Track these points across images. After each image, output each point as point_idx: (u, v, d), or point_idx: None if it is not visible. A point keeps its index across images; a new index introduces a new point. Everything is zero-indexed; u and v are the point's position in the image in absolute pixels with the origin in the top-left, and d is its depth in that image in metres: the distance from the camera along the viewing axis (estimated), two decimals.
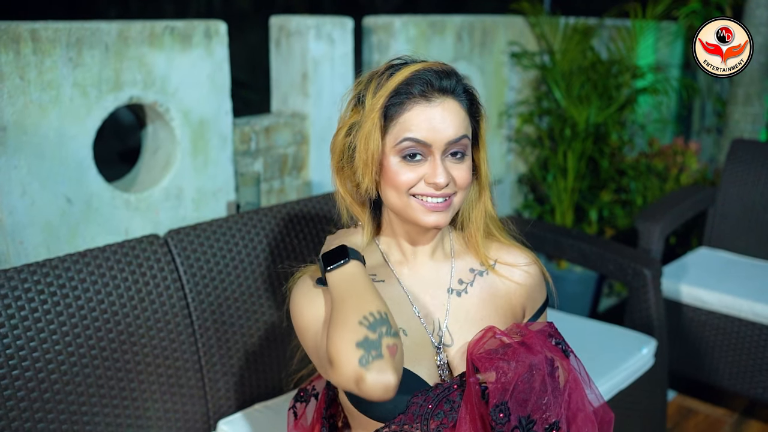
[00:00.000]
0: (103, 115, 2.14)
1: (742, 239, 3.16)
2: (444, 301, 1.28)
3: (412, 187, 1.19)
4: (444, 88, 1.18)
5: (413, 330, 1.25)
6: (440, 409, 1.19)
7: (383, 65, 1.24)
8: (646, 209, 3.04)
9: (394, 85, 1.17)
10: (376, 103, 1.17)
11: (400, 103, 1.17)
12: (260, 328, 2.03)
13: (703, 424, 2.85)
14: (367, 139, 1.19)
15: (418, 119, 1.16)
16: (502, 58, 3.52)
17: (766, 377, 2.69)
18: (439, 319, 1.27)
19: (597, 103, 3.42)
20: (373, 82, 1.20)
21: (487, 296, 1.30)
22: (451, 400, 1.19)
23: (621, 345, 2.35)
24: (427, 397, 1.19)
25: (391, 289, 1.28)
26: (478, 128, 1.25)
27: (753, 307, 2.67)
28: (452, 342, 1.26)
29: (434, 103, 1.17)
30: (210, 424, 1.95)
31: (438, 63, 1.21)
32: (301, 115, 2.70)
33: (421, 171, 1.18)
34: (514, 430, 1.15)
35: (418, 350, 1.24)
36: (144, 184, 2.33)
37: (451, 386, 1.20)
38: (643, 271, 2.47)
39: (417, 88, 1.16)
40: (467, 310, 1.28)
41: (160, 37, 2.21)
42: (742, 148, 3.23)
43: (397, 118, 1.17)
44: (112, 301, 1.76)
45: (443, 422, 1.18)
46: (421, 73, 1.17)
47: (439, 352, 1.25)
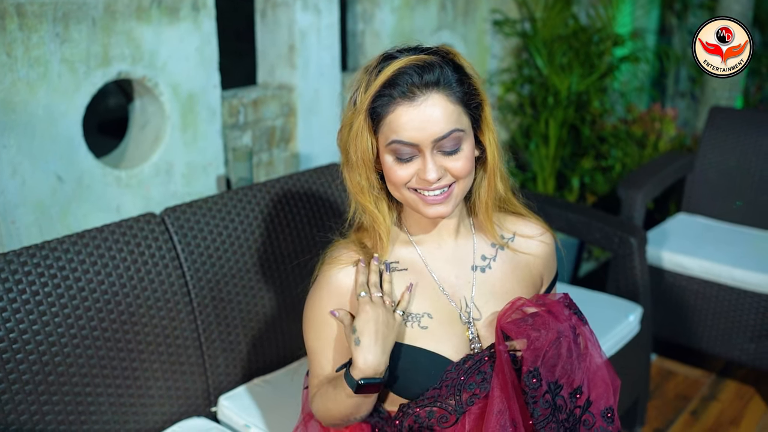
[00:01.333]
0: (92, 91, 2.10)
1: (719, 205, 3.23)
2: (469, 279, 1.31)
3: (408, 182, 1.19)
4: (428, 83, 1.15)
5: (440, 311, 1.28)
6: (472, 380, 1.23)
7: (376, 57, 1.22)
8: (627, 177, 3.09)
9: (377, 86, 1.16)
10: (362, 105, 1.18)
11: (384, 105, 1.16)
12: (257, 304, 2.05)
13: (682, 385, 2.94)
14: (356, 139, 1.20)
15: (402, 120, 1.15)
16: (485, 27, 3.52)
17: (742, 339, 2.78)
18: (465, 296, 1.30)
19: (579, 71, 3.44)
20: (363, 79, 1.20)
21: (510, 269, 1.33)
22: (483, 372, 1.24)
23: (608, 312, 2.40)
24: (460, 370, 1.23)
25: (415, 276, 1.30)
26: (480, 112, 1.22)
27: (731, 272, 2.74)
28: (480, 316, 1.29)
29: (417, 101, 1.15)
30: (211, 400, 1.97)
31: (423, 56, 1.17)
32: (289, 87, 2.68)
33: (414, 168, 1.18)
34: (544, 395, 1.20)
35: (446, 330, 1.27)
36: (134, 160, 2.30)
37: (482, 358, 1.24)
38: (629, 240, 2.52)
39: (398, 89, 1.15)
40: (492, 285, 1.32)
41: (147, 11, 2.17)
42: (719, 115, 3.28)
43: (384, 119, 1.17)
44: (111, 282, 1.76)
45: (475, 393, 1.23)
46: (403, 71, 1.15)
47: (470, 327, 1.28)
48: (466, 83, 1.19)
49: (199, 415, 1.94)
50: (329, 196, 2.22)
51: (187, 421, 1.90)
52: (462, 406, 1.24)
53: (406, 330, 1.27)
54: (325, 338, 1.30)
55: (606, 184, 3.72)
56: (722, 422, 2.72)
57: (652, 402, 2.81)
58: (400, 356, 1.26)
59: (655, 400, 2.83)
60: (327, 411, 1.30)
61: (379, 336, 1.20)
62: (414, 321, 1.28)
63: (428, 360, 1.25)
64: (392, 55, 1.20)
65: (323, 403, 1.30)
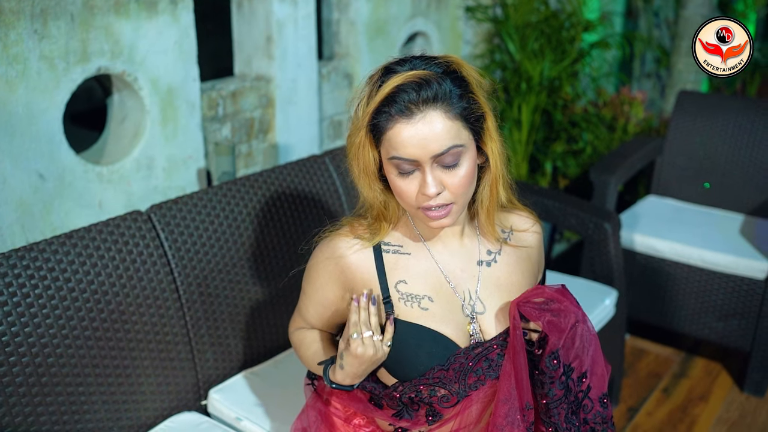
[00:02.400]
0: (72, 87, 2.09)
1: (687, 187, 3.32)
2: (475, 273, 1.35)
3: (413, 200, 1.22)
4: (426, 100, 1.15)
5: (441, 296, 1.32)
6: (479, 366, 1.28)
7: (379, 69, 1.23)
8: (599, 162, 3.15)
9: (377, 102, 1.18)
10: (363, 120, 1.20)
11: (384, 121, 1.18)
12: (244, 297, 2.07)
13: (653, 363, 3.04)
14: (359, 152, 1.23)
15: (401, 138, 1.17)
16: (458, 13, 3.54)
17: (710, 318, 2.88)
18: (469, 289, 1.34)
19: (551, 57, 3.49)
20: (366, 91, 1.22)
21: (514, 262, 1.38)
22: (490, 359, 1.29)
23: (585, 297, 2.47)
24: (468, 356, 1.29)
25: (418, 262, 1.34)
26: (482, 124, 1.22)
27: (701, 254, 2.83)
28: (484, 309, 1.34)
29: (415, 118, 1.16)
30: (201, 394, 1.99)
31: (422, 72, 1.17)
32: (267, 78, 2.68)
33: (416, 181, 1.20)
34: (561, 376, 1.26)
35: (446, 315, 1.31)
36: (114, 155, 2.30)
37: (491, 346, 1.29)
38: (604, 225, 2.59)
39: (396, 107, 1.16)
40: (497, 278, 1.36)
41: (125, 5, 2.16)
42: (687, 100, 3.36)
43: (384, 134, 1.19)
44: (101, 281, 1.77)
45: (480, 378, 1.28)
46: (401, 88, 1.16)
47: (472, 321, 1.32)
48: (466, 97, 1.19)
49: (190, 409, 1.97)
50: (312, 189, 2.24)
51: (178, 415, 1.92)
52: (465, 389, 1.29)
53: (405, 310, 1.31)
54: (314, 291, 1.42)
55: (577, 168, 3.78)
56: (692, 398, 2.82)
57: (625, 380, 2.90)
58: (400, 334, 1.30)
59: (628, 378, 2.92)
60: (302, 358, 1.52)
61: (360, 369, 1.31)
62: (414, 302, 1.31)
63: (429, 338, 1.29)
64: (392, 68, 1.20)
65: (302, 351, 1.51)
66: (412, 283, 1.32)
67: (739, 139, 3.19)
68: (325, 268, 1.36)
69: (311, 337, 1.50)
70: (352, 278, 1.34)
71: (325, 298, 1.40)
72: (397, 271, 1.32)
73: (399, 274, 1.32)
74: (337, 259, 1.34)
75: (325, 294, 1.40)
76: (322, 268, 1.37)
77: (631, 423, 2.67)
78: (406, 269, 1.33)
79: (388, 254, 1.33)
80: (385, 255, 1.33)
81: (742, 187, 3.18)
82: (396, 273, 1.32)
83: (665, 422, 2.68)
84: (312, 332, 1.50)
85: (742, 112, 3.20)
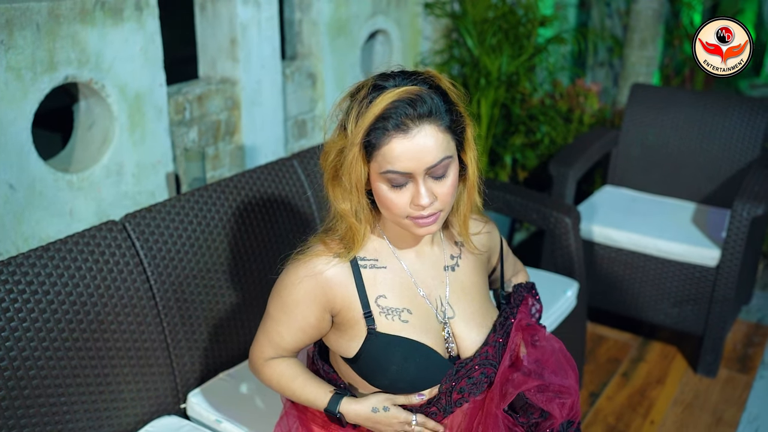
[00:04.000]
0: (40, 97, 2.09)
1: (642, 177, 3.44)
2: (443, 279, 1.42)
3: (403, 211, 1.27)
4: (421, 115, 1.20)
5: (418, 308, 1.38)
6: (462, 385, 1.36)
7: (365, 86, 1.25)
8: (558, 155, 3.25)
9: (371, 119, 1.21)
10: (356, 137, 1.23)
11: (378, 137, 1.22)
12: (219, 302, 2.11)
13: (613, 349, 3.16)
14: (350, 168, 1.26)
15: (397, 152, 1.21)
16: (417, 9, 3.59)
17: (665, 305, 3.00)
18: (440, 296, 1.41)
19: (508, 52, 3.57)
20: (354, 108, 1.24)
21: (473, 264, 1.46)
22: (473, 378, 1.36)
23: (547, 289, 2.56)
24: (452, 379, 1.36)
25: (393, 274, 1.39)
26: (464, 134, 1.29)
27: (656, 243, 2.95)
28: (454, 314, 1.41)
29: (411, 133, 1.21)
30: (180, 398, 2.03)
31: (413, 88, 1.22)
32: (232, 81, 2.70)
33: (408, 194, 1.25)
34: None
35: (424, 325, 1.38)
36: (83, 162, 2.30)
37: (472, 366, 1.37)
38: (564, 219, 2.68)
39: (392, 122, 1.20)
40: (462, 281, 1.43)
41: (91, 13, 2.16)
42: (641, 92, 3.47)
43: (378, 150, 1.22)
44: (79, 291, 1.79)
45: (464, 396, 1.36)
46: (396, 105, 1.20)
47: (445, 327, 1.39)
48: (453, 111, 1.25)
49: (170, 413, 2.00)
50: (281, 192, 2.28)
51: (158, 420, 1.96)
52: (451, 405, 1.36)
53: (386, 324, 1.36)
54: (293, 319, 1.38)
55: (536, 159, 3.88)
56: (650, 381, 2.94)
57: (587, 366, 3.01)
58: (385, 348, 1.35)
59: (589, 364, 3.04)
60: (285, 390, 1.46)
61: (371, 426, 1.38)
62: (395, 315, 1.36)
63: (412, 349, 1.35)
64: (381, 85, 1.24)
65: (284, 383, 1.45)
66: (391, 297, 1.37)
67: (690, 130, 3.32)
68: (304, 288, 1.35)
69: (291, 370, 1.46)
70: (333, 296, 1.35)
71: (307, 322, 1.38)
72: (376, 287, 1.36)
73: (378, 289, 1.36)
74: (317, 277, 1.34)
75: (306, 318, 1.38)
76: (301, 290, 1.35)
77: (593, 408, 2.78)
78: (384, 283, 1.37)
79: (366, 269, 1.36)
80: (363, 270, 1.36)
81: (694, 177, 3.32)
82: (375, 288, 1.36)
83: (625, 405, 2.80)
84: (288, 363, 1.47)
85: (692, 105, 3.33)
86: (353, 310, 1.35)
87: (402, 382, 1.35)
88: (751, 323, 3.32)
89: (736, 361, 3.05)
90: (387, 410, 1.35)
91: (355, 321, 1.36)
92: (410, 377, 1.35)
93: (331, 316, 1.38)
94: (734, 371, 2.98)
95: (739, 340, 3.19)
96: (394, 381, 1.35)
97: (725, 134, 3.25)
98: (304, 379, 1.44)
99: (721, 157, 3.26)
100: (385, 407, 1.35)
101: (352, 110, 1.25)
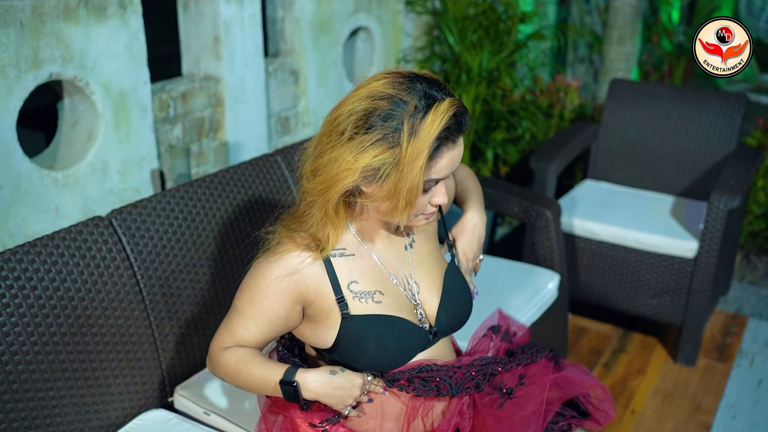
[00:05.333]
0: (24, 95, 2.10)
1: (621, 171, 3.50)
2: (405, 258, 1.48)
3: (419, 210, 1.34)
4: (463, 130, 1.29)
5: (389, 288, 1.44)
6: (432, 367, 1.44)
7: (414, 98, 1.25)
8: (539, 150, 3.29)
9: (434, 135, 1.24)
10: (421, 152, 1.24)
11: (435, 151, 1.27)
12: (205, 296, 2.13)
13: (594, 340, 3.21)
14: (406, 180, 1.26)
15: (445, 162, 1.29)
16: (398, 6, 3.63)
17: (645, 296, 3.06)
18: (406, 275, 1.47)
19: (489, 48, 3.61)
20: (406, 124, 1.24)
21: (424, 236, 1.53)
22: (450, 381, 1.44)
23: (530, 282, 2.61)
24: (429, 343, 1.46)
25: (363, 261, 1.43)
26: None
27: (636, 236, 3.00)
28: (419, 289, 1.47)
29: (457, 143, 1.29)
30: (167, 392, 2.05)
31: (460, 103, 1.28)
32: (215, 78, 2.72)
33: (428, 195, 1.33)
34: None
35: (396, 303, 1.44)
36: (68, 159, 2.31)
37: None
38: (546, 213, 2.73)
39: (448, 137, 1.26)
40: (419, 254, 1.50)
41: (75, 11, 2.17)
42: (620, 87, 3.53)
43: (429, 161, 1.27)
44: (66, 287, 1.80)
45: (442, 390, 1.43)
46: (450, 122, 1.25)
47: (417, 307, 1.46)
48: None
49: (158, 406, 2.02)
50: (265, 187, 2.31)
51: (146, 413, 1.98)
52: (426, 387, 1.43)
53: (360, 307, 1.40)
54: (262, 312, 1.40)
55: (517, 154, 3.93)
56: (631, 371, 3.00)
57: (569, 358, 3.06)
58: (361, 328, 1.39)
59: (571, 356, 3.09)
60: (240, 372, 1.43)
61: (326, 394, 1.38)
62: (368, 298, 1.41)
63: (388, 323, 1.40)
64: (433, 95, 1.26)
65: (241, 366, 1.42)
66: (363, 282, 1.42)
67: (668, 124, 3.38)
68: (278, 284, 1.37)
69: (249, 352, 1.45)
70: (306, 289, 1.38)
71: (276, 315, 1.40)
72: (348, 274, 1.41)
73: (350, 276, 1.41)
74: (293, 275, 1.37)
75: (275, 311, 1.40)
76: (274, 286, 1.37)
77: None
78: (354, 270, 1.42)
79: (336, 258, 1.40)
80: (333, 260, 1.40)
81: (672, 170, 3.37)
82: (347, 275, 1.41)
83: None
84: (247, 348, 1.46)
85: (670, 100, 3.39)
86: (326, 300, 1.39)
87: (383, 358, 1.40)
88: (729, 313, 3.38)
89: (714, 351, 3.11)
90: (344, 371, 1.38)
91: (329, 309, 1.39)
92: (389, 351, 1.40)
93: (303, 307, 1.41)
94: (713, 360, 3.04)
95: (718, 330, 3.25)
96: (375, 358, 1.40)
97: (702, 128, 3.31)
98: (262, 360, 1.43)
99: (698, 151, 3.32)
100: (342, 369, 1.38)
101: (405, 126, 1.24)
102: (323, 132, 1.33)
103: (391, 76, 1.29)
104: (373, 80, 1.30)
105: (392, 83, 1.27)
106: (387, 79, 1.28)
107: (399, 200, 1.27)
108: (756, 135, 3.46)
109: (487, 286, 2.56)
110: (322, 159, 1.31)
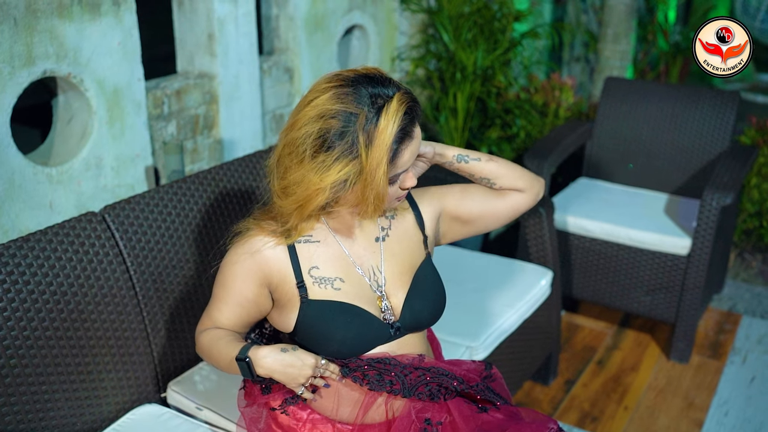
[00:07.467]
0: (18, 91, 2.11)
1: (616, 169, 3.51)
2: (376, 249, 1.50)
3: (391, 199, 1.39)
4: (417, 120, 1.33)
5: (350, 276, 1.47)
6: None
7: (364, 101, 1.28)
8: (533, 147, 3.30)
9: (389, 141, 1.28)
10: (381, 159, 1.28)
11: (395, 152, 1.31)
12: (198, 291, 2.14)
13: (588, 337, 3.22)
14: (372, 187, 1.31)
15: (406, 156, 1.34)
16: (393, 5, 3.64)
17: (638, 293, 3.07)
18: (373, 266, 1.49)
19: (484, 47, 3.62)
20: (361, 136, 1.27)
21: (402, 231, 1.54)
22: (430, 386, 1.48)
23: (522, 278, 2.62)
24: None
25: (327, 248, 1.47)
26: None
27: (629, 233, 3.01)
28: (385, 281, 1.49)
29: (415, 135, 1.34)
30: (160, 386, 2.06)
31: (408, 95, 1.31)
32: (210, 75, 2.73)
33: (397, 183, 1.38)
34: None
35: (357, 292, 1.46)
36: (63, 155, 2.32)
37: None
38: (539, 210, 2.74)
39: (403, 135, 1.31)
40: (392, 248, 1.52)
41: (68, 8, 2.18)
42: (614, 86, 3.54)
43: (393, 162, 1.33)
44: (59, 282, 1.81)
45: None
46: (403, 121, 1.30)
47: (382, 300, 1.48)
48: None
49: (151, 401, 2.03)
50: (258, 184, 2.32)
51: (139, 408, 1.98)
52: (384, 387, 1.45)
53: (319, 292, 1.44)
54: (231, 294, 1.48)
55: (512, 152, 3.94)
56: (624, 368, 3.01)
57: (562, 355, 3.07)
58: (317, 313, 1.43)
59: (565, 353, 3.10)
60: (213, 349, 1.49)
61: (277, 368, 1.38)
62: (327, 284, 1.45)
63: (343, 310, 1.43)
64: (380, 95, 1.29)
65: (215, 344, 1.49)
66: (324, 268, 1.45)
67: (662, 122, 3.39)
68: (242, 265, 1.44)
69: (222, 332, 1.52)
70: (269, 272, 1.44)
71: (243, 297, 1.48)
72: (310, 259, 1.45)
73: (311, 261, 1.45)
74: (254, 254, 1.43)
75: (242, 293, 1.47)
76: (238, 267, 1.45)
77: (568, 395, 2.84)
78: (317, 256, 1.46)
79: (300, 244, 1.45)
80: (297, 245, 1.45)
81: (666, 168, 3.39)
82: (308, 261, 1.45)
83: (600, 392, 2.86)
84: (222, 329, 1.53)
85: (664, 98, 3.40)
86: (288, 284, 1.44)
87: (339, 344, 1.43)
88: (722, 311, 3.40)
89: (707, 348, 3.12)
90: (295, 350, 1.39)
91: (291, 294, 1.44)
92: (346, 339, 1.42)
93: (270, 291, 1.47)
94: (706, 357, 3.05)
95: (711, 328, 3.26)
96: (332, 343, 1.42)
97: (696, 126, 3.33)
98: (229, 339, 1.47)
99: (691, 149, 3.33)
100: (293, 347, 1.39)
101: (359, 138, 1.28)
102: (283, 153, 1.36)
103: (334, 87, 1.30)
104: (318, 93, 1.31)
105: (338, 96, 1.29)
106: (332, 92, 1.30)
107: (369, 202, 1.33)
108: (750, 133, 3.47)
109: (480, 283, 2.57)
110: (288, 179, 1.35)
